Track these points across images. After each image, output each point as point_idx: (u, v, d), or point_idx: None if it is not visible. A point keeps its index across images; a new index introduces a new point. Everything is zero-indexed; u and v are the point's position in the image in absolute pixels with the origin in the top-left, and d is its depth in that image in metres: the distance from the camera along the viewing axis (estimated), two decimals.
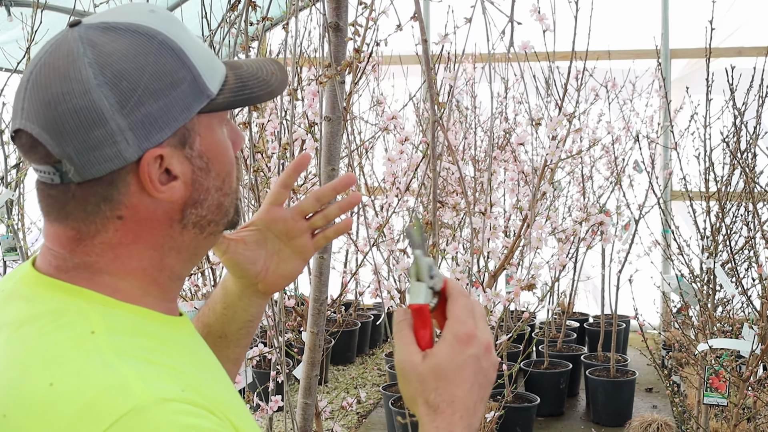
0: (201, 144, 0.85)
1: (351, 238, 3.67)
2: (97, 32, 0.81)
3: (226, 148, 0.89)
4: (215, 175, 0.88)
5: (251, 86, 0.89)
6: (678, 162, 3.69)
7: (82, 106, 0.78)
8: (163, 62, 0.81)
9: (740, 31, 6.17)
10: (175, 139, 0.83)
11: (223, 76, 0.87)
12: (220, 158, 0.88)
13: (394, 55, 4.94)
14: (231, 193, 0.91)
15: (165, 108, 0.81)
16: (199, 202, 0.87)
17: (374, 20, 1.83)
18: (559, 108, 2.64)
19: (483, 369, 0.86)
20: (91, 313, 0.80)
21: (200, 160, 0.86)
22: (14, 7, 4.29)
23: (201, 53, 0.85)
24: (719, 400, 2.97)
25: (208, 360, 0.91)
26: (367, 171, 5.04)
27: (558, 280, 4.75)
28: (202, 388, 0.80)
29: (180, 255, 0.88)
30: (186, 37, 0.85)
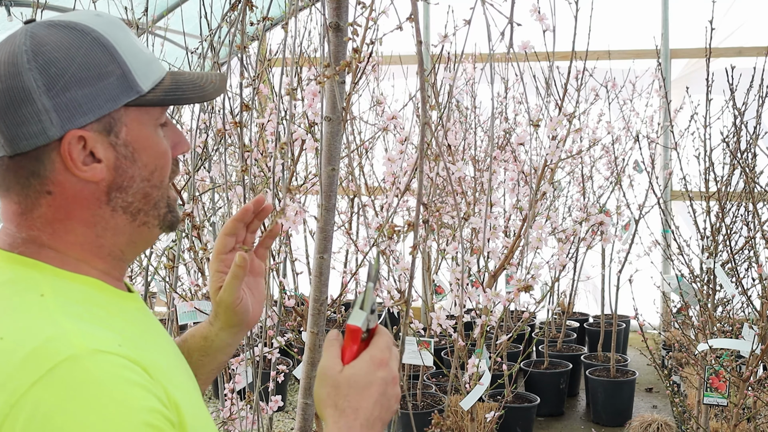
0: (127, 134, 0.95)
1: (351, 238, 3.66)
2: (41, 27, 0.93)
3: (156, 143, 0.98)
4: (141, 165, 0.96)
5: (185, 89, 0.98)
6: (678, 162, 3.69)
7: (14, 86, 0.89)
8: (93, 55, 0.92)
9: (740, 31, 6.17)
10: (100, 125, 0.93)
11: (160, 78, 0.97)
12: (148, 151, 0.97)
13: (394, 55, 4.95)
14: (159, 186, 0.99)
15: (90, 95, 0.91)
16: (123, 187, 0.96)
17: (374, 20, 1.83)
18: (559, 108, 2.63)
19: (388, 394, 0.98)
20: (42, 281, 0.90)
21: (125, 148, 0.95)
22: (14, 7, 4.29)
23: (137, 54, 0.95)
24: (719, 400, 2.97)
25: (155, 334, 1.00)
26: (367, 171, 5.04)
27: (558, 280, 4.75)
28: (141, 350, 0.88)
29: (116, 237, 0.97)
30: (123, 38, 0.95)
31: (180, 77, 1.00)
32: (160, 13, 4.36)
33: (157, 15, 4.14)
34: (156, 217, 1.00)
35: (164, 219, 1.01)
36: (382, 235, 3.17)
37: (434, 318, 2.67)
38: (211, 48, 2.12)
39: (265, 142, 2.53)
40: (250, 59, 2.60)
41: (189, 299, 2.51)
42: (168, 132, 1.01)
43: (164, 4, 5.68)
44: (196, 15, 2.47)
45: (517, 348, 5.22)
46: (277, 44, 3.24)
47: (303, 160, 3.63)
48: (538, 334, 5.51)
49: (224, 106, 2.15)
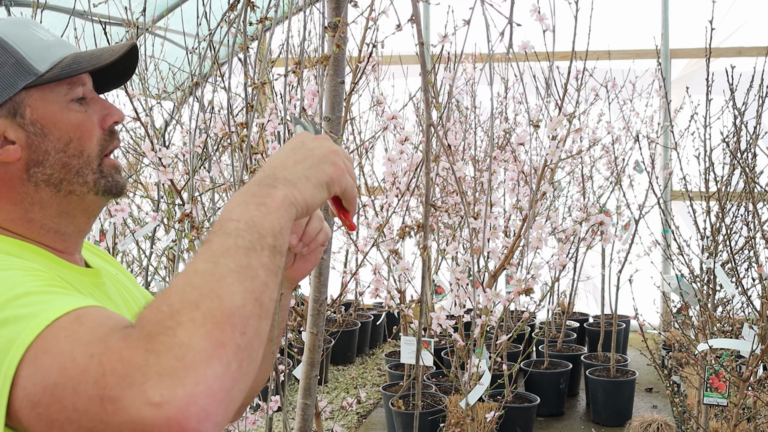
0: (32, 113, 1.01)
1: (351, 238, 3.66)
2: None
3: (66, 117, 1.03)
4: (54, 139, 1.02)
5: (80, 61, 1.03)
6: (678, 162, 3.69)
7: None
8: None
9: (740, 31, 6.17)
10: (4, 110, 1.00)
11: (60, 58, 1.03)
12: (58, 125, 1.02)
13: (394, 55, 4.95)
14: (80, 155, 1.04)
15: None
16: (40, 162, 1.02)
17: (374, 20, 1.83)
18: (559, 108, 2.63)
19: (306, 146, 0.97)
20: None
21: (33, 126, 1.01)
22: (14, 7, 4.29)
23: (32, 42, 1.02)
24: (719, 400, 2.97)
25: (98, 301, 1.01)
26: (367, 171, 5.04)
27: (558, 280, 4.75)
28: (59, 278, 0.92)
29: (44, 210, 1.03)
30: (18, 32, 1.02)
31: (82, 53, 1.05)
32: (160, 13, 4.36)
33: (157, 15, 4.14)
34: (82, 184, 1.05)
35: (95, 185, 1.06)
36: (382, 235, 3.17)
37: (434, 318, 2.67)
38: (211, 48, 2.12)
39: (265, 142, 2.53)
40: (251, 59, 2.60)
41: None
42: (92, 106, 1.06)
43: (164, 4, 5.67)
44: (196, 15, 2.47)
45: (517, 348, 5.22)
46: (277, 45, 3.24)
47: None
48: (538, 334, 5.51)
49: (225, 106, 2.15)
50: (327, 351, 5.39)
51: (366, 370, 6.05)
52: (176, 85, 4.05)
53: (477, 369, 2.69)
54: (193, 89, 2.19)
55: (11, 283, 0.82)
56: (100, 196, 1.07)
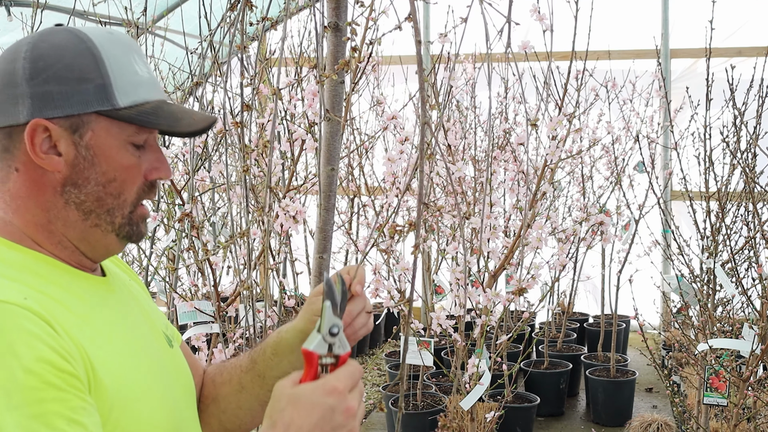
0: (91, 138, 1.01)
1: (351, 238, 3.67)
2: (53, 30, 1.03)
3: (120, 156, 1.03)
4: (99, 171, 1.02)
5: (160, 117, 1.03)
6: (678, 162, 3.69)
7: (8, 69, 1.00)
8: (80, 61, 1.00)
9: (740, 31, 6.17)
10: (67, 122, 1.00)
11: (143, 100, 1.03)
12: (109, 160, 1.03)
13: (394, 55, 4.94)
14: (117, 196, 1.04)
15: (65, 93, 0.99)
16: (78, 185, 1.02)
17: (374, 20, 1.83)
18: (559, 108, 2.63)
19: (333, 422, 0.94)
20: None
21: (86, 150, 1.01)
22: (14, 7, 4.29)
23: (126, 73, 1.02)
24: (719, 400, 2.97)
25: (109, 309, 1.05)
26: (367, 171, 5.04)
27: (558, 280, 4.75)
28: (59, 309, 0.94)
29: (66, 229, 1.03)
30: (120, 55, 1.02)
31: (166, 107, 1.05)
32: (160, 13, 4.36)
33: (157, 15, 4.14)
34: (109, 223, 1.05)
35: (120, 228, 1.06)
36: (383, 235, 3.17)
37: (434, 318, 2.67)
38: (211, 48, 2.12)
39: (265, 142, 2.53)
40: (250, 59, 2.60)
41: (189, 299, 2.51)
42: (147, 154, 1.06)
43: (164, 4, 5.68)
44: (196, 15, 2.47)
45: (517, 348, 5.22)
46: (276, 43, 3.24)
47: (303, 159, 3.63)
48: (538, 334, 5.51)
49: (224, 106, 2.15)
50: None
51: (366, 370, 6.05)
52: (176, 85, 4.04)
53: (477, 369, 2.69)
54: (194, 89, 2.19)
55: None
56: (121, 239, 1.07)
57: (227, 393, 1.26)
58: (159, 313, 1.24)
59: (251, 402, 1.25)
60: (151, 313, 1.18)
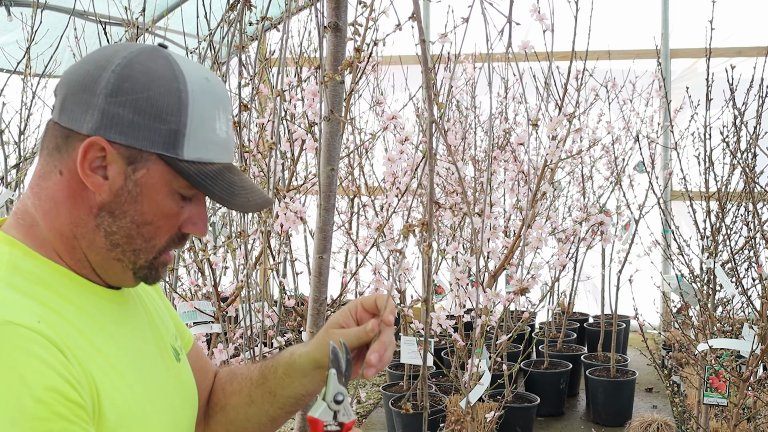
0: (143, 177, 0.98)
1: (351, 238, 3.66)
2: (156, 54, 0.99)
3: (164, 204, 1.00)
4: (138, 210, 0.99)
5: (217, 185, 1.00)
6: (678, 162, 3.69)
7: (93, 74, 0.97)
8: (166, 100, 0.96)
9: (740, 31, 6.17)
10: (127, 152, 0.97)
11: (209, 160, 1.00)
12: (152, 204, 1.00)
13: (394, 55, 4.94)
14: (148, 240, 1.02)
15: (136, 124, 0.96)
16: (114, 215, 0.99)
17: (374, 20, 1.83)
18: (559, 108, 2.63)
19: None
20: (7, 256, 0.96)
21: (133, 185, 0.98)
22: (14, 7, 4.29)
23: (204, 129, 0.99)
24: (719, 400, 2.97)
25: (121, 326, 1.04)
26: (367, 171, 5.03)
27: (558, 280, 4.75)
28: (71, 333, 0.92)
29: (90, 251, 1.01)
30: (205, 109, 0.99)
31: (228, 176, 1.02)
32: (160, 13, 4.36)
33: (157, 15, 4.14)
34: (131, 261, 1.02)
35: (139, 269, 1.03)
36: (382, 235, 3.17)
37: (434, 318, 2.67)
38: (211, 48, 2.12)
39: (265, 142, 2.53)
40: (250, 59, 2.60)
41: (189, 299, 2.50)
42: (191, 206, 1.04)
43: (164, 4, 5.68)
44: (195, 15, 2.47)
45: (517, 348, 5.22)
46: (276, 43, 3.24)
47: (303, 160, 3.63)
48: (538, 334, 5.51)
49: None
50: None
51: None
52: None
53: (477, 369, 2.69)
54: None
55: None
56: (136, 278, 1.05)
57: (236, 404, 1.25)
58: (169, 319, 1.22)
59: (260, 416, 1.24)
60: (160, 324, 1.16)
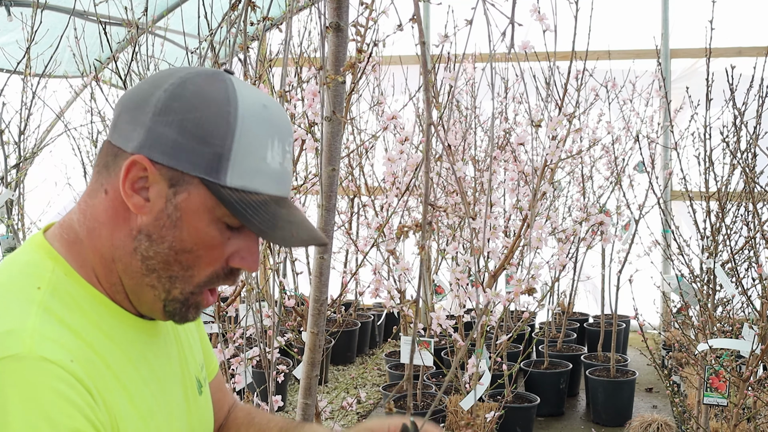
0: (184, 201, 0.94)
1: (351, 238, 3.67)
2: (213, 78, 0.95)
3: (205, 232, 0.95)
4: (177, 236, 0.95)
5: (258, 215, 0.94)
6: (678, 162, 3.69)
7: (147, 92, 0.94)
8: (215, 123, 0.92)
9: (740, 31, 6.17)
10: (170, 173, 0.93)
11: (254, 190, 0.94)
12: (192, 231, 0.94)
13: (394, 55, 4.95)
14: (186, 268, 0.96)
15: (179, 145, 0.92)
16: (152, 239, 0.95)
17: (374, 20, 1.83)
18: (559, 108, 2.64)
19: None
20: (49, 275, 0.94)
21: (174, 209, 0.94)
22: (14, 7, 4.29)
23: (252, 156, 0.93)
24: (719, 400, 2.97)
25: (151, 362, 1.00)
26: (367, 171, 5.04)
27: (558, 280, 4.75)
28: (100, 371, 0.90)
29: (125, 275, 0.97)
30: (257, 135, 0.94)
31: (273, 208, 0.96)
32: (160, 13, 4.36)
33: (157, 15, 4.14)
34: (165, 290, 0.97)
35: (171, 300, 0.98)
36: (383, 235, 3.17)
37: (434, 318, 2.67)
38: (211, 48, 2.12)
39: None
40: (251, 59, 2.60)
41: None
42: (238, 239, 0.98)
43: (164, 4, 5.68)
44: (196, 15, 2.47)
45: (517, 348, 5.22)
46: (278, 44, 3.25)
47: (303, 160, 3.63)
48: (538, 334, 5.51)
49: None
50: (327, 351, 5.39)
51: (366, 370, 6.05)
52: None
53: (477, 369, 2.69)
54: None
55: None
56: (165, 312, 0.99)
57: None
58: (199, 348, 1.18)
59: None
60: (189, 356, 1.12)
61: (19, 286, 0.92)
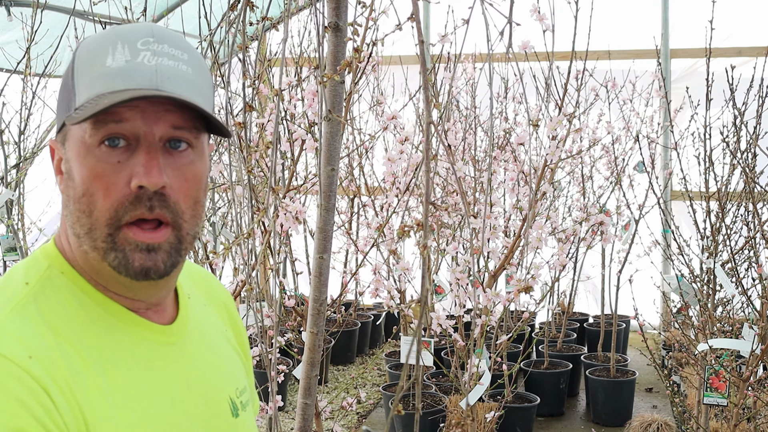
0: (68, 150, 0.91)
1: (351, 238, 3.67)
2: None
3: (88, 165, 0.88)
4: (74, 185, 0.90)
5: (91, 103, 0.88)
6: (678, 162, 3.69)
7: None
8: (67, 68, 0.92)
9: (740, 31, 6.17)
10: (60, 137, 0.93)
11: (95, 94, 0.88)
12: (79, 173, 0.89)
13: (393, 55, 4.95)
14: (89, 214, 0.89)
15: (59, 109, 0.93)
16: (66, 205, 0.92)
17: (374, 20, 1.83)
18: (559, 108, 2.63)
19: None
20: (43, 271, 0.92)
21: (67, 164, 0.91)
22: (14, 7, 4.29)
23: (91, 69, 0.89)
24: (719, 400, 2.97)
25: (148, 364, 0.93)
26: (367, 171, 5.04)
27: (558, 280, 4.75)
28: (76, 369, 0.85)
29: (85, 257, 0.92)
30: (91, 50, 0.90)
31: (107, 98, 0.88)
32: (160, 13, 4.36)
33: (157, 15, 4.14)
34: (93, 248, 0.90)
35: (105, 254, 0.89)
36: (383, 234, 3.17)
37: (434, 318, 2.67)
38: (211, 48, 2.12)
39: (267, 143, 2.53)
40: (250, 59, 2.60)
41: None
42: (132, 161, 0.89)
43: (164, 4, 5.67)
44: (196, 15, 2.47)
45: (517, 348, 5.22)
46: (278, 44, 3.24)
47: (303, 160, 3.63)
48: (538, 334, 5.51)
49: (225, 106, 2.15)
50: (327, 351, 5.39)
51: (366, 370, 6.05)
52: None
53: (477, 369, 2.69)
54: None
55: None
56: (116, 270, 0.90)
57: None
58: (242, 374, 1.10)
59: None
60: (221, 374, 1.04)
61: (10, 284, 0.90)
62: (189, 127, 0.91)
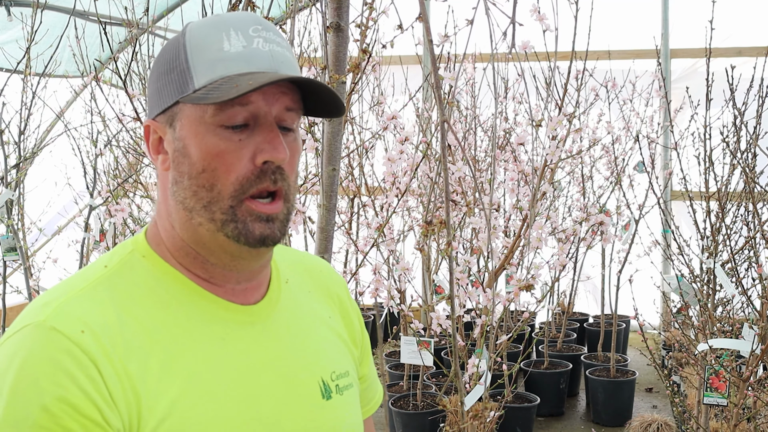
0: (181, 129, 0.96)
1: (351, 238, 3.66)
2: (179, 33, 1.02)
3: (206, 142, 0.94)
4: (190, 162, 0.95)
5: (220, 90, 0.93)
6: (678, 162, 3.69)
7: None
8: (171, 51, 0.98)
9: (740, 31, 6.17)
10: (165, 117, 0.98)
11: (218, 77, 0.94)
12: (196, 149, 0.95)
13: (394, 55, 4.95)
14: (210, 189, 0.94)
15: (160, 89, 0.98)
16: (177, 181, 0.97)
17: (374, 20, 1.83)
18: (559, 108, 2.63)
19: None
20: (126, 255, 0.98)
21: (179, 143, 0.96)
22: (14, 7, 4.29)
23: (207, 50, 0.95)
24: (719, 400, 2.97)
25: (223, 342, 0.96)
26: (367, 171, 5.03)
27: (558, 280, 4.75)
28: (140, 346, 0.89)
29: (185, 233, 0.98)
30: (206, 35, 0.96)
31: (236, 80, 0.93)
32: (160, 13, 4.36)
33: (157, 15, 4.14)
34: (210, 220, 0.95)
35: (223, 225, 0.95)
36: (383, 235, 3.17)
37: (434, 318, 2.67)
38: None
39: None
40: None
41: None
42: (254, 138, 0.95)
43: (164, 4, 5.67)
44: (195, 15, 2.47)
45: (517, 348, 5.22)
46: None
47: (303, 160, 3.63)
48: (538, 334, 5.51)
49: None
50: None
51: None
52: None
53: (477, 369, 2.69)
54: None
55: None
56: (233, 240, 0.95)
57: None
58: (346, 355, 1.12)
59: None
60: (312, 355, 1.06)
61: (92, 267, 0.97)
62: (297, 108, 0.98)
